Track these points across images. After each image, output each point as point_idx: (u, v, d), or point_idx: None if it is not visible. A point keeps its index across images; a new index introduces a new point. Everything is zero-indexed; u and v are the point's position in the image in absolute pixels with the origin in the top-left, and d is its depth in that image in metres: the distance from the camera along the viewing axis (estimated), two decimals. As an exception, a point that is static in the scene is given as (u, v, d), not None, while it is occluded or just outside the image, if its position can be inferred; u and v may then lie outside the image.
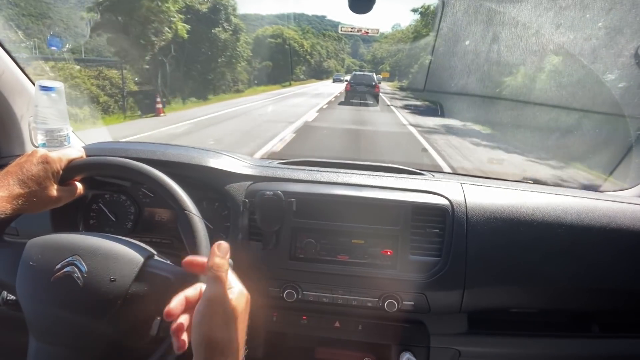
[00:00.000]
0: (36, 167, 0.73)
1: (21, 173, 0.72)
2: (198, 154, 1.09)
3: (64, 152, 0.79)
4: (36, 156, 0.74)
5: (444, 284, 0.96)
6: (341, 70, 47.22)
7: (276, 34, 27.91)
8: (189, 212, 0.75)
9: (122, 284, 0.68)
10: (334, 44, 48.22)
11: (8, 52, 1.13)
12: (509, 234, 0.98)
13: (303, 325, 1.05)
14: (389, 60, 39.86)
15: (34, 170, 0.72)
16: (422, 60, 19.56)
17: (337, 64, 49.12)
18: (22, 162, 0.73)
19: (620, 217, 1.00)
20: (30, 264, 0.69)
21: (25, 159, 0.74)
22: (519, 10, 5.21)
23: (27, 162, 0.73)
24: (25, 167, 0.72)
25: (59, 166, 0.76)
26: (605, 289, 1.02)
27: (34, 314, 0.68)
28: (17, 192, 0.70)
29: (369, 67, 47.75)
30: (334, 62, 46.51)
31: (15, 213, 0.71)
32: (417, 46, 22.41)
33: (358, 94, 14.73)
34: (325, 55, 44.58)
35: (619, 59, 3.89)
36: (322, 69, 42.75)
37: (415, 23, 27.10)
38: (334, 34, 48.28)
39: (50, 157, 0.75)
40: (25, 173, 0.72)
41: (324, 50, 44.00)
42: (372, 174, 1.10)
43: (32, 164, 0.73)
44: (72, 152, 0.80)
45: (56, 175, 0.76)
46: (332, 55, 46.31)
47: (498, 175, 1.31)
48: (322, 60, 42.77)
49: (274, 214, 0.96)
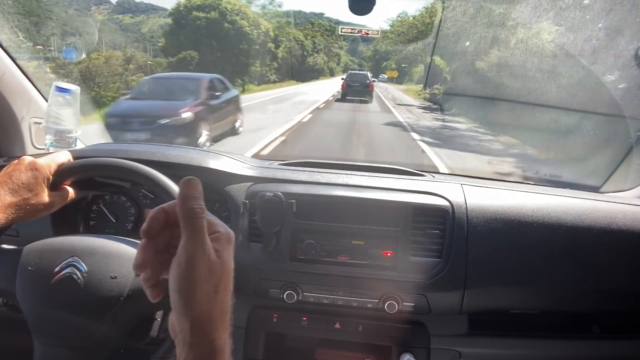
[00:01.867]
0: (26, 175, 0.72)
1: (11, 182, 0.70)
2: (198, 155, 1.09)
3: (52, 157, 0.78)
4: (24, 164, 0.73)
5: (445, 285, 0.96)
6: (336, 69, 39.06)
7: (207, 4, 17.00)
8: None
9: (124, 281, 0.68)
10: (326, 36, 36.31)
11: (8, 53, 1.13)
12: (509, 235, 0.98)
13: (303, 327, 1.05)
14: (395, 55, 31.75)
15: (24, 178, 0.71)
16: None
17: (330, 61, 39.58)
18: (10, 171, 0.72)
19: (621, 218, 1.00)
20: (29, 269, 0.69)
21: (12, 168, 0.73)
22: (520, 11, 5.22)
23: (16, 170, 0.72)
24: (14, 176, 0.71)
25: (48, 172, 0.75)
26: (606, 290, 1.02)
27: (37, 317, 0.68)
28: (9, 201, 0.69)
29: (370, 65, 40.67)
30: (322, 58, 35.19)
31: (9, 223, 0.70)
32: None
33: (354, 92, 15.18)
34: (311, 48, 32.98)
35: (619, 60, 3.88)
36: (307, 67, 31.99)
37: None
38: (324, 23, 36.25)
39: (38, 164, 0.74)
40: (15, 181, 0.71)
41: (308, 42, 32.58)
42: (372, 175, 1.10)
43: (21, 172, 0.72)
44: (59, 156, 0.79)
45: (47, 181, 0.75)
46: (320, 49, 34.86)
47: (498, 176, 1.31)
48: (305, 54, 31.62)
49: (274, 215, 0.96)
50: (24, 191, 0.71)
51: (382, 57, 36.82)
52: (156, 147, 1.14)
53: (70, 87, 0.84)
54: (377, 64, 38.44)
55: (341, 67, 42.77)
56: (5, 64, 1.12)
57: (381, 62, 37.15)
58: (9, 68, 1.13)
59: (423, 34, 20.38)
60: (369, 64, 42.24)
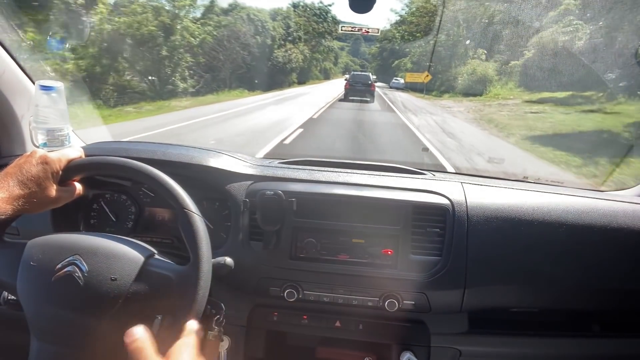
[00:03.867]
0: (36, 168, 0.73)
1: (21, 174, 0.71)
2: (198, 154, 1.09)
3: (63, 153, 0.79)
4: (35, 157, 0.74)
5: (445, 283, 0.96)
6: (333, 69, 31.39)
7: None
8: (188, 211, 0.75)
9: (123, 283, 0.68)
10: (314, 22, 24.93)
11: (9, 52, 1.13)
12: (510, 234, 0.98)
13: (303, 325, 1.05)
14: (416, 49, 21.20)
15: (34, 171, 0.72)
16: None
17: (324, 59, 28.29)
18: (22, 163, 0.73)
19: (621, 217, 1.00)
20: (31, 264, 0.69)
21: (24, 160, 0.74)
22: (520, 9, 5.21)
23: (27, 163, 0.73)
24: (24, 168, 0.72)
25: (58, 166, 0.76)
26: (606, 289, 1.02)
27: (35, 313, 0.68)
28: (17, 193, 0.70)
29: (374, 64, 34.12)
30: (304, 52, 23.42)
31: (15, 214, 0.71)
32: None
33: (356, 92, 15.44)
34: (280, 37, 20.99)
35: (620, 59, 3.88)
36: (278, 68, 20.64)
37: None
38: (314, 5, 25.23)
39: (49, 158, 0.75)
40: (24, 174, 0.72)
41: (278, 31, 20.96)
42: (372, 174, 1.10)
43: (31, 165, 0.73)
44: (71, 152, 0.80)
45: (56, 175, 0.76)
46: (296, 39, 23.00)
47: (498, 174, 1.31)
48: (267, 49, 19.66)
49: (274, 214, 0.96)
50: (33, 184, 0.72)
51: (394, 52, 27.56)
52: (156, 145, 1.14)
53: (53, 84, 0.83)
54: (385, 62, 30.25)
55: (340, 69, 36.27)
56: (5, 62, 1.12)
57: (390, 60, 28.28)
58: (9, 66, 1.13)
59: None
60: (373, 64, 35.88)
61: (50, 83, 0.91)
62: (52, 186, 0.75)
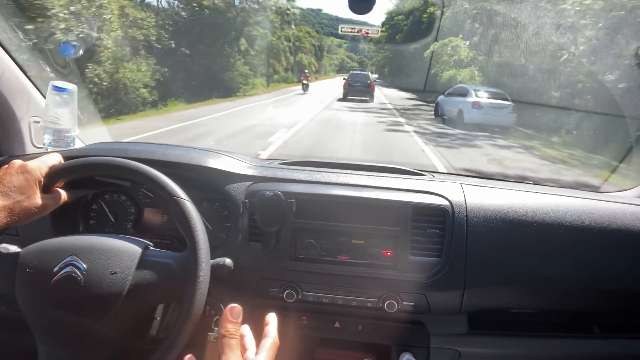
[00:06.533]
0: (17, 178, 0.71)
1: (2, 185, 0.70)
2: (198, 154, 1.09)
3: (43, 160, 0.77)
4: (14, 167, 0.72)
5: (444, 284, 0.96)
6: (329, 69, 29.25)
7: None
8: (178, 198, 0.75)
9: (124, 276, 0.68)
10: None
11: (8, 52, 1.13)
12: (509, 235, 0.98)
13: (303, 326, 1.05)
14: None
15: (15, 181, 0.71)
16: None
17: (305, 58, 23.67)
18: (1, 175, 0.71)
19: (621, 218, 1.00)
20: (27, 271, 0.68)
21: (3, 172, 0.72)
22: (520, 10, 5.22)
23: (7, 174, 0.71)
24: (5, 179, 0.70)
25: (39, 174, 0.74)
26: (606, 290, 1.02)
27: (39, 319, 0.68)
28: (2, 205, 0.68)
29: (378, 59, 31.96)
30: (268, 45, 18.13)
31: (3, 226, 0.69)
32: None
33: (355, 91, 15.42)
34: (240, 23, 15.62)
35: (619, 60, 3.89)
36: (222, 68, 14.54)
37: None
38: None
39: (29, 167, 0.73)
40: (6, 185, 0.70)
41: (241, 14, 15.48)
42: (372, 175, 1.10)
43: (12, 175, 0.71)
44: (49, 158, 0.78)
45: (38, 183, 0.74)
46: (265, 26, 17.67)
47: (498, 175, 1.31)
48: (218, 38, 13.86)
49: (274, 215, 0.96)
50: (16, 194, 0.70)
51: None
52: (156, 146, 1.14)
53: (67, 86, 0.83)
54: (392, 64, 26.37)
55: (333, 67, 31.35)
56: (5, 62, 1.12)
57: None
58: (8, 67, 1.13)
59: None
60: (376, 58, 32.49)
61: (64, 85, 0.91)
62: (36, 194, 0.73)
